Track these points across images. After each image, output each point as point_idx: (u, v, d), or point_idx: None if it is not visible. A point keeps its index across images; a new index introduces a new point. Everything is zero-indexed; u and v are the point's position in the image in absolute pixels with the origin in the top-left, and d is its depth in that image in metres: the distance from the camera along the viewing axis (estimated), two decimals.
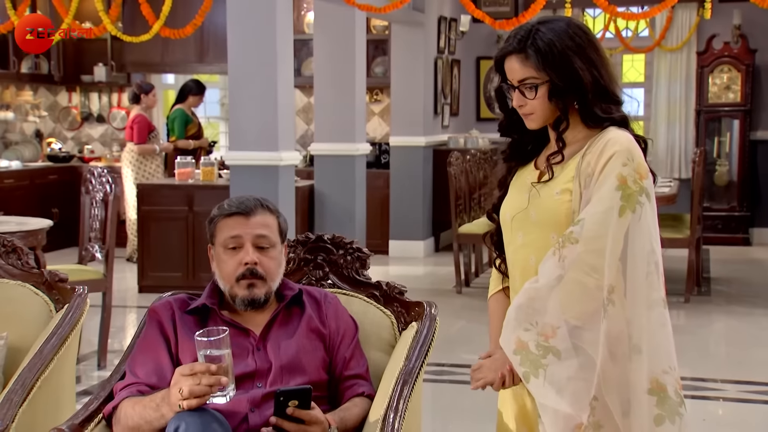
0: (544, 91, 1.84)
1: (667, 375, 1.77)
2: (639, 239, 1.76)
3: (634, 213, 1.76)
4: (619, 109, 1.87)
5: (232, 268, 2.10)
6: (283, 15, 5.19)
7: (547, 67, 1.82)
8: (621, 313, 1.75)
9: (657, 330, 1.77)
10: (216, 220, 2.15)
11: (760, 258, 7.70)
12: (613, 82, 1.87)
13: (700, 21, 8.32)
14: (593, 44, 1.86)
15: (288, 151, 5.34)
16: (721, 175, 8.29)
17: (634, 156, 1.80)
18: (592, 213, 1.77)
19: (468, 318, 5.50)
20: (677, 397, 1.77)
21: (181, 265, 6.22)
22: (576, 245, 1.76)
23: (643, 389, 1.75)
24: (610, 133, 1.83)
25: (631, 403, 1.75)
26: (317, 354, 2.11)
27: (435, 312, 2.23)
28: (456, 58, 8.54)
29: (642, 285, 1.76)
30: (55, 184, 8.05)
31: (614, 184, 1.77)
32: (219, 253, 2.12)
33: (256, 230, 2.11)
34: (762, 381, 4.34)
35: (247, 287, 2.09)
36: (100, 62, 8.45)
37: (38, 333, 2.40)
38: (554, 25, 1.85)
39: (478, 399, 4.15)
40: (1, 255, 2.56)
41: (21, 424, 2.12)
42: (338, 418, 2.01)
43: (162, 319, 2.12)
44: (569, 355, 1.75)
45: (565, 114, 1.85)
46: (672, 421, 1.75)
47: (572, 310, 1.76)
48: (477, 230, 6.45)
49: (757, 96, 8.23)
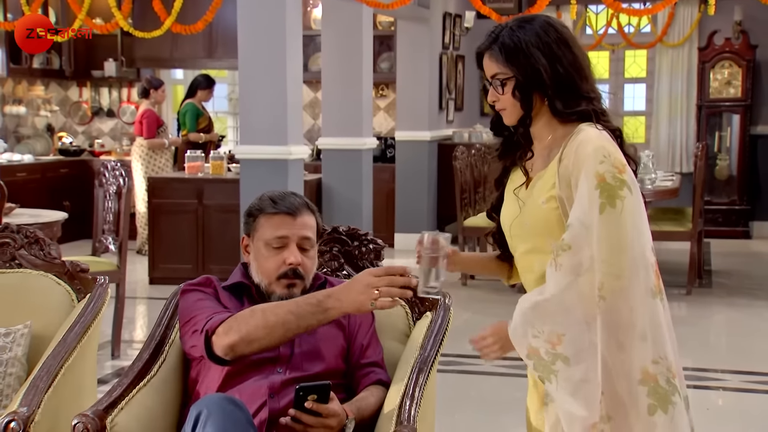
0: (511, 87, 1.87)
1: (657, 365, 1.77)
2: (622, 231, 1.76)
3: (615, 208, 1.76)
4: (586, 103, 1.86)
5: (275, 266, 2.12)
6: (292, 11, 5.26)
7: (510, 63, 1.86)
8: (613, 305, 1.76)
9: (646, 319, 1.77)
10: (260, 216, 2.16)
11: (760, 251, 7.79)
12: (581, 78, 1.87)
13: (701, 17, 8.41)
14: (563, 41, 1.87)
15: (297, 145, 5.40)
16: (721, 169, 8.38)
17: (609, 151, 1.80)
18: (576, 217, 1.79)
19: (474, 310, 5.59)
20: (669, 385, 1.77)
21: (191, 257, 6.32)
22: (569, 251, 1.78)
23: (636, 380, 1.77)
24: (582, 132, 1.84)
25: (630, 392, 1.77)
26: (337, 342, 2.15)
27: (449, 302, 2.26)
28: (460, 54, 8.62)
29: (630, 275, 1.76)
30: (66, 177, 8.15)
31: (593, 183, 1.77)
32: (259, 248, 2.15)
33: (302, 232, 2.14)
34: (763, 371, 4.41)
35: (287, 286, 2.12)
36: (110, 57, 8.55)
37: (61, 322, 2.45)
38: (526, 22, 1.89)
39: (483, 389, 4.26)
40: (24, 246, 2.60)
41: (46, 409, 2.16)
42: (355, 408, 2.03)
43: (201, 287, 2.15)
44: (578, 360, 1.77)
45: (529, 110, 1.88)
46: (664, 410, 1.76)
47: (572, 317, 1.77)
48: (482, 223, 6.52)
49: (758, 91, 8.32)
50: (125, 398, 2.08)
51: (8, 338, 2.42)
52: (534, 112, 1.89)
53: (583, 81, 1.87)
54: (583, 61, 1.89)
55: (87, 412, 1.99)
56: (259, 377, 2.03)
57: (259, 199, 2.21)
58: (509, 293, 6.19)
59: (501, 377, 4.44)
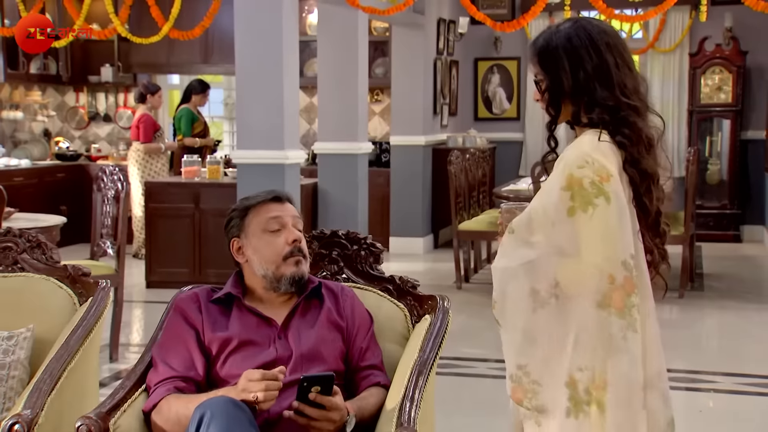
0: (544, 89, 1.92)
1: (582, 372, 1.82)
2: (591, 239, 1.78)
3: (586, 213, 1.78)
4: (599, 111, 1.85)
5: (279, 248, 2.17)
6: (289, 17, 5.30)
7: (542, 66, 1.91)
8: (565, 307, 1.82)
9: (588, 328, 1.81)
10: (247, 212, 2.22)
11: (750, 254, 7.84)
12: (602, 85, 1.85)
13: (692, 23, 8.48)
14: (594, 45, 1.85)
15: (293, 150, 5.45)
16: (712, 174, 8.44)
17: (595, 159, 1.80)
18: (541, 205, 1.84)
19: (468, 313, 5.63)
20: (586, 395, 1.82)
21: (188, 261, 6.35)
22: (512, 235, 1.86)
23: (562, 381, 1.84)
24: (579, 138, 1.88)
25: (557, 391, 1.85)
26: (336, 345, 2.17)
27: (448, 305, 2.29)
28: (454, 59, 8.69)
29: (587, 283, 1.80)
30: (63, 181, 8.17)
31: (562, 183, 1.80)
32: (257, 239, 2.18)
33: (293, 212, 2.24)
34: (754, 373, 4.44)
35: (296, 264, 2.17)
36: (106, 63, 8.58)
37: (63, 325, 2.46)
38: (564, 25, 1.91)
39: (478, 392, 4.30)
40: (26, 250, 2.62)
41: (50, 411, 2.17)
42: (356, 406, 2.06)
43: (188, 310, 2.18)
44: (505, 328, 1.93)
45: (557, 112, 1.91)
46: (575, 416, 1.82)
47: (498, 291, 1.92)
48: (476, 227, 6.59)
49: (748, 97, 8.38)
50: (128, 401, 2.10)
51: (11, 341, 2.43)
52: (563, 115, 1.93)
53: (603, 88, 1.85)
54: (614, 68, 1.86)
55: (90, 415, 2.00)
56: None
57: (238, 204, 2.27)
58: None
59: (495, 380, 4.46)
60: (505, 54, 9.08)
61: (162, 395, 2.07)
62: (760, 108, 8.38)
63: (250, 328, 2.15)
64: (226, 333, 2.14)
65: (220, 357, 2.13)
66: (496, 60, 9.12)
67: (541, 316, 1.84)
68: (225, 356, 2.12)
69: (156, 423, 2.06)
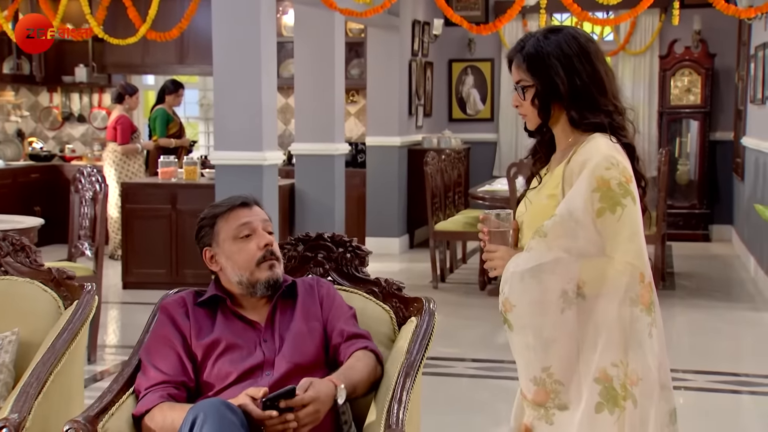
0: (531, 95, 1.95)
1: (617, 368, 1.85)
2: (620, 239, 1.83)
3: (614, 214, 1.83)
4: (603, 116, 1.92)
5: (250, 255, 2.17)
6: (266, 18, 5.32)
7: (531, 72, 1.93)
8: (592, 306, 1.85)
9: (620, 325, 1.85)
10: (216, 220, 2.21)
11: (719, 253, 7.98)
12: (599, 91, 1.92)
13: (662, 26, 8.64)
14: (585, 54, 1.92)
15: (271, 151, 5.48)
16: (682, 174, 8.58)
17: (619, 161, 1.87)
18: (566, 209, 1.86)
19: (445, 313, 5.66)
20: (623, 390, 1.85)
21: (165, 261, 6.35)
22: (543, 239, 1.87)
23: (592, 377, 1.85)
24: (593, 140, 1.91)
25: (582, 387, 1.87)
26: (315, 335, 2.19)
27: (434, 308, 2.30)
28: (429, 61, 8.75)
29: (617, 281, 1.84)
30: (37, 182, 8.13)
31: (592, 185, 1.84)
32: (228, 246, 2.19)
33: (261, 216, 2.23)
34: (725, 371, 4.52)
35: (270, 268, 2.17)
36: (81, 63, 8.54)
37: (48, 329, 2.45)
38: (552, 33, 1.95)
39: (452, 391, 4.33)
40: (10, 253, 2.61)
41: (37, 415, 2.17)
42: (342, 377, 2.05)
43: (175, 314, 2.18)
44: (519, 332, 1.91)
45: (546, 118, 1.95)
46: (611, 411, 1.85)
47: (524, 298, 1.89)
48: (452, 227, 6.66)
49: (716, 98, 8.54)
50: (116, 404, 2.10)
51: None
52: (552, 120, 1.97)
53: (601, 94, 1.93)
54: (605, 75, 1.94)
55: (78, 418, 2.00)
56: (247, 383, 2.07)
57: (205, 213, 2.26)
58: (480, 296, 6.35)
59: (471, 379, 4.54)
60: (478, 56, 9.18)
61: (155, 402, 2.07)
62: (727, 109, 8.55)
63: (236, 332, 2.17)
64: (212, 337, 2.16)
65: (206, 362, 2.14)
66: (470, 61, 9.21)
67: (568, 316, 1.86)
68: (212, 360, 2.14)
69: (149, 427, 2.05)
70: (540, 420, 1.93)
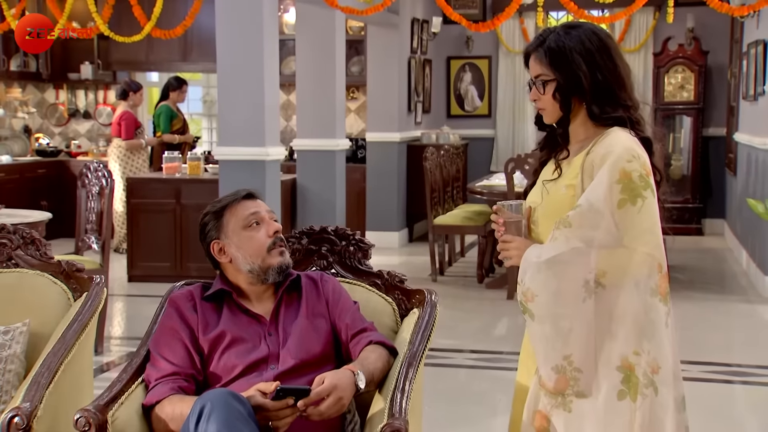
0: (552, 89, 1.97)
1: (638, 356, 1.87)
2: (641, 230, 1.87)
3: (635, 205, 1.86)
4: (623, 110, 1.96)
5: (262, 241, 2.21)
6: (269, 16, 5.40)
7: (554, 66, 1.96)
8: (612, 295, 1.88)
9: (640, 315, 1.88)
10: (224, 212, 2.25)
11: (711, 247, 8.09)
12: (619, 86, 1.96)
13: (656, 24, 8.76)
14: (605, 49, 1.96)
15: (274, 147, 5.55)
16: (675, 169, 8.68)
17: (639, 154, 1.91)
18: (587, 199, 1.88)
19: (444, 305, 5.67)
20: (645, 378, 1.88)
21: (170, 255, 6.45)
22: (569, 228, 1.88)
23: (614, 365, 1.88)
24: (613, 133, 1.94)
25: (599, 374, 1.89)
26: (321, 331, 2.21)
27: (435, 299, 2.32)
28: (428, 58, 8.86)
29: (638, 272, 1.88)
30: (44, 177, 8.23)
31: (615, 177, 1.86)
32: (238, 236, 2.22)
33: (266, 207, 2.29)
34: (718, 361, 4.59)
35: (281, 254, 2.22)
36: (86, 61, 8.64)
37: (58, 320, 2.47)
38: (572, 28, 1.98)
39: (451, 382, 4.40)
40: (21, 246, 2.62)
41: (48, 404, 2.19)
42: (359, 365, 2.07)
43: (184, 308, 2.21)
44: (540, 321, 1.93)
45: (568, 112, 1.98)
46: (633, 398, 1.87)
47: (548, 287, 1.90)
48: (451, 221, 6.76)
49: (709, 95, 8.66)
50: (125, 393, 2.13)
51: (7, 336, 2.43)
52: (572, 113, 2.00)
53: (621, 89, 1.97)
54: (623, 70, 1.98)
55: (89, 407, 2.02)
56: (253, 375, 2.11)
57: (210, 208, 2.30)
58: (478, 289, 6.47)
59: (470, 370, 4.62)
60: (476, 53, 9.29)
61: (166, 393, 2.10)
62: (720, 106, 8.67)
63: (241, 326, 2.19)
64: (218, 330, 2.18)
65: (213, 355, 2.17)
66: (468, 59, 9.33)
67: (589, 305, 1.88)
68: (218, 353, 2.16)
69: (159, 417, 2.08)
70: (558, 408, 1.94)
